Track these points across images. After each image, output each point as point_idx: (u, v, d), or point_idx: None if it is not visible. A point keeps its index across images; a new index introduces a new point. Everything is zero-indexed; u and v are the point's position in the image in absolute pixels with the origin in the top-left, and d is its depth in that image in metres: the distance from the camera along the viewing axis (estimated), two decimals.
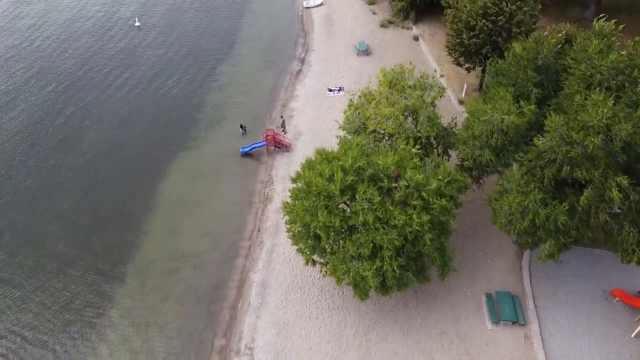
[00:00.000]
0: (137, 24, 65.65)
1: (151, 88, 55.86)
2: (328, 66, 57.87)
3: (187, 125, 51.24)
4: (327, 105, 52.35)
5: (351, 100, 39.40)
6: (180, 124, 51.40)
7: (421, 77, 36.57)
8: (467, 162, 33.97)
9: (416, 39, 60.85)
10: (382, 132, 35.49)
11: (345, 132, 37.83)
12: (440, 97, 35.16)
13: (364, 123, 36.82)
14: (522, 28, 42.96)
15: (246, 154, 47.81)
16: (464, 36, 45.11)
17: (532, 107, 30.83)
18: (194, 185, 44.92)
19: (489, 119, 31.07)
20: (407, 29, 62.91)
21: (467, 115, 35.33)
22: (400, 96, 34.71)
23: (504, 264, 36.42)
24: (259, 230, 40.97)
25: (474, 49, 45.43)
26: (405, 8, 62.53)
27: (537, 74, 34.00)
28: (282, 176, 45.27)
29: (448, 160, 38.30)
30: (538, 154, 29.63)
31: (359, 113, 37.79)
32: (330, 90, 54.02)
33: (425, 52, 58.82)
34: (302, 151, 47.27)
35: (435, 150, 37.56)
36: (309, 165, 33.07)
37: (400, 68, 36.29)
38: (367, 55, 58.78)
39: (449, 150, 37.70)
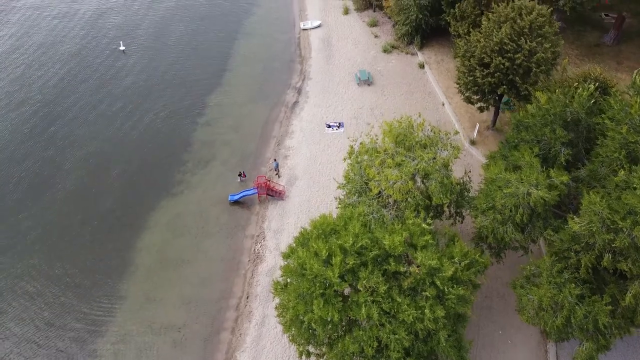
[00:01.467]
0: (121, 47, 61.04)
1: (132, 121, 51.26)
2: (326, 97, 53.28)
3: (171, 166, 46.66)
4: (325, 144, 47.77)
5: (351, 147, 34.97)
6: (163, 164, 46.80)
7: (432, 131, 31.86)
8: (484, 233, 29.31)
9: (422, 66, 56.25)
10: (388, 195, 30.83)
11: (345, 192, 33.22)
12: (455, 158, 30.34)
13: (366, 183, 32.20)
14: (543, 67, 38.33)
15: (235, 202, 43.17)
16: (477, 74, 40.50)
17: (565, 178, 26.20)
18: (176, 240, 40.36)
19: (514, 191, 26.45)
20: (412, 54, 58.30)
21: (484, 177, 30.66)
22: (408, 156, 30.04)
23: (527, 346, 31.77)
24: (247, 298, 36.40)
25: (489, 88, 40.79)
26: (410, 32, 57.89)
27: (566, 129, 29.46)
28: (275, 230, 40.70)
29: (462, 221, 33.76)
30: (572, 236, 25.01)
31: (360, 168, 33.22)
32: (329, 127, 49.43)
33: (431, 81, 54.22)
34: (298, 199, 42.80)
35: (447, 210, 33.08)
36: (302, 240, 28.47)
37: (408, 122, 31.67)
38: (369, 85, 54.20)
39: (462, 210, 33.05)
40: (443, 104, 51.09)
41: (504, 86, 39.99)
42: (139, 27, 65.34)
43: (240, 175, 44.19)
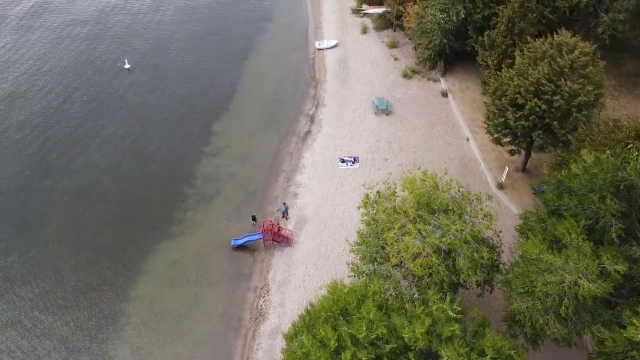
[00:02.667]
0: (126, 66, 57.88)
1: (135, 149, 48.06)
2: (341, 127, 49.51)
3: (172, 202, 43.25)
4: (339, 182, 44.01)
5: (367, 196, 31.20)
6: (164, 200, 43.42)
7: (460, 192, 27.88)
8: (520, 319, 25.31)
9: (444, 94, 52.18)
10: (408, 267, 26.99)
11: (359, 258, 29.47)
12: (487, 228, 26.35)
13: (383, 247, 28.39)
14: (585, 111, 34.14)
15: (239, 247, 39.61)
16: (509, 116, 36.44)
17: (621, 267, 22.11)
18: (172, 291, 36.94)
19: (559, 279, 22.42)
20: (434, 81, 54.25)
21: (520, 252, 26.60)
22: (432, 224, 26.14)
23: None
24: None
25: (522, 131, 36.67)
26: (432, 57, 53.81)
27: (617, 197, 25.33)
28: (280, 282, 37.08)
29: (491, 292, 29.74)
30: (630, 340, 20.92)
31: (376, 226, 29.48)
32: (343, 161, 45.66)
33: (455, 112, 50.14)
34: (306, 246, 39.15)
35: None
36: (308, 320, 24.76)
37: (433, 182, 27.68)
38: (387, 114, 50.30)
39: (492, 282, 29.03)
40: (467, 139, 47.03)
41: (540, 131, 35.84)
42: (145, 43, 62.20)
43: (253, 219, 40.52)
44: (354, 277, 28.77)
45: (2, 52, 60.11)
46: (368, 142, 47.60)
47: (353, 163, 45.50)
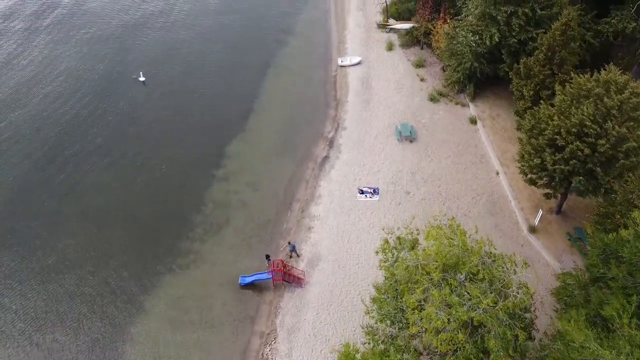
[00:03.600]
0: (141, 78, 55.89)
1: (146, 171, 46.00)
2: (361, 154, 46.56)
3: (178, 231, 40.97)
4: (357, 215, 41.10)
5: (386, 241, 28.42)
6: (171, 229, 41.17)
7: (492, 257, 24.69)
8: None
9: (473, 121, 48.77)
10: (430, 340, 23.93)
11: (374, 320, 26.53)
12: (524, 304, 23.09)
13: (402, 310, 25.41)
14: (634, 158, 30.56)
15: (246, 285, 37.02)
16: (547, 158, 33.02)
17: None
18: (173, 333, 34.60)
19: None
20: (463, 105, 50.86)
21: (558, 329, 23.32)
22: (459, 293, 23.05)
23: None
24: None
25: (560, 176, 33.20)
26: (461, 80, 50.41)
27: None
28: (289, 328, 34.37)
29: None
30: None
31: (395, 282, 26.61)
32: (362, 193, 42.72)
33: (484, 141, 46.72)
34: (319, 288, 36.46)
35: None
36: None
37: (462, 243, 24.56)
38: (411, 141, 47.14)
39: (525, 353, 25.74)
40: (497, 173, 43.60)
41: (581, 177, 32.35)
42: (162, 55, 60.04)
43: (267, 258, 37.79)
44: (369, 343, 25.82)
45: (17, 60, 58.64)
46: (389, 171, 44.54)
47: (372, 195, 42.52)
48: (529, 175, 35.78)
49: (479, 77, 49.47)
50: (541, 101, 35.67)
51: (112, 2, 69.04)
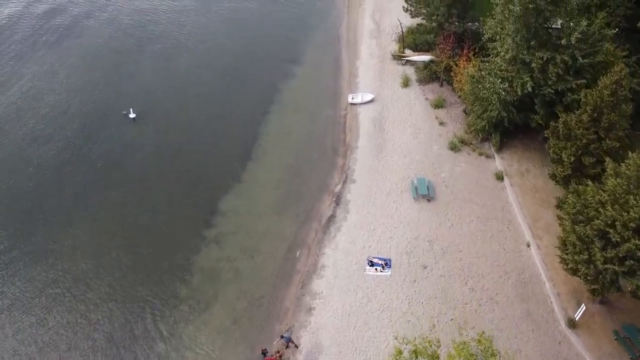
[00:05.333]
0: (131, 115, 50.81)
1: (124, 228, 41.11)
2: (372, 214, 41.04)
3: (159, 310, 35.86)
4: (365, 295, 35.70)
5: (399, 351, 23.24)
6: (150, 306, 35.98)
7: None
8: None
9: (500, 177, 42.99)
10: None
11: None
12: None
13: None
14: None
15: None
16: (596, 253, 27.16)
17: None
18: None
19: None
20: (487, 157, 45.08)
21: None
22: None
23: None
24: None
25: (611, 276, 27.34)
26: (486, 129, 44.62)
27: None
28: None
29: None
30: None
31: None
32: (372, 265, 37.22)
33: (512, 203, 40.96)
34: None
35: None
36: None
37: None
38: (429, 200, 41.46)
39: None
40: (528, 245, 37.80)
41: (637, 281, 26.49)
42: (156, 85, 55.00)
43: (263, 353, 32.39)
44: None
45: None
46: (404, 238, 38.95)
47: (384, 268, 36.98)
48: (570, 265, 29.95)
49: (507, 126, 43.61)
50: (588, 180, 29.79)
51: (106, 26, 64.00)
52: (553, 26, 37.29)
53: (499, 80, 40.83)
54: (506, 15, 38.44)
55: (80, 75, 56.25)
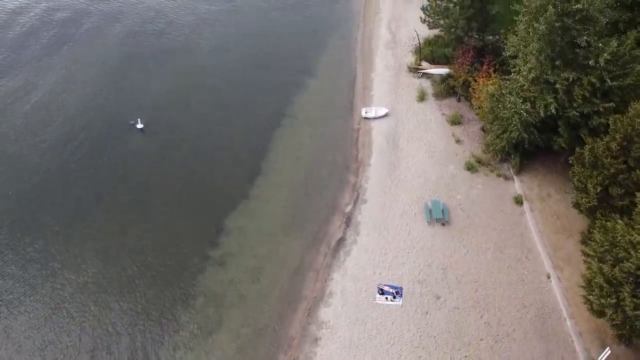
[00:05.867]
0: (139, 125, 49.68)
1: (128, 246, 39.89)
2: (383, 238, 39.32)
3: (159, 334, 34.35)
4: (374, 326, 34.09)
5: None
6: (150, 330, 34.60)
7: None
8: None
9: (519, 201, 40.98)
10: None
11: None
12: None
13: None
14: None
15: None
16: (626, 299, 25.14)
17: None
18: None
19: None
20: (506, 178, 43.07)
21: None
22: None
23: None
24: None
25: None
26: (506, 149, 42.60)
27: None
28: None
29: None
30: None
31: None
32: (382, 293, 35.54)
33: (532, 230, 38.95)
34: None
35: None
36: None
37: None
38: (443, 224, 39.57)
39: None
40: (549, 276, 35.75)
41: None
42: (165, 95, 53.85)
43: None
44: None
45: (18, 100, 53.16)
46: (416, 265, 37.15)
47: (395, 297, 35.22)
48: (596, 308, 27.91)
49: (527, 147, 41.54)
50: (616, 215, 27.73)
51: (118, 32, 63.12)
52: (582, 45, 35.17)
53: (521, 100, 38.81)
54: (530, 33, 36.39)
55: (89, 82, 55.35)
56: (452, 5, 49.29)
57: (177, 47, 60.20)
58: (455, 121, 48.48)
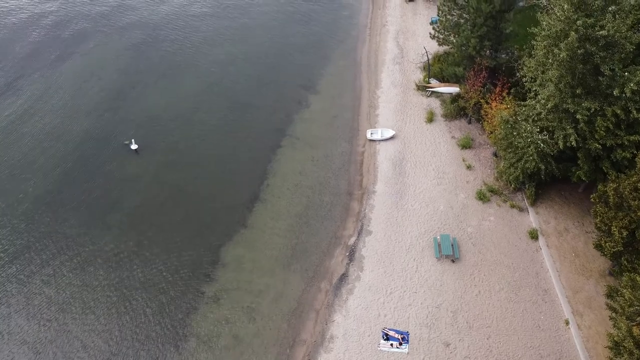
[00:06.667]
0: (133, 146, 47.36)
1: (115, 280, 37.86)
2: (389, 274, 36.85)
3: None
4: None
5: None
6: None
7: None
8: None
9: (534, 236, 38.36)
10: None
11: None
12: None
13: None
14: None
15: None
16: None
17: None
18: None
19: None
20: (520, 210, 40.45)
21: None
22: None
23: None
24: None
25: None
26: (520, 179, 39.98)
27: None
28: None
29: None
30: None
31: None
32: (387, 338, 33.09)
33: (548, 269, 36.33)
34: None
35: None
36: None
37: None
38: (453, 261, 36.97)
39: None
40: (567, 323, 33.11)
41: None
42: (161, 111, 51.59)
43: None
44: None
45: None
46: (424, 306, 34.61)
47: (400, 344, 32.71)
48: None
49: (543, 178, 38.90)
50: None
51: (116, 42, 60.92)
52: (605, 73, 32.50)
53: (538, 130, 36.18)
54: (550, 59, 33.73)
55: (83, 97, 53.25)
56: (462, 21, 46.73)
57: (177, 62, 57.95)
58: (466, 145, 45.91)
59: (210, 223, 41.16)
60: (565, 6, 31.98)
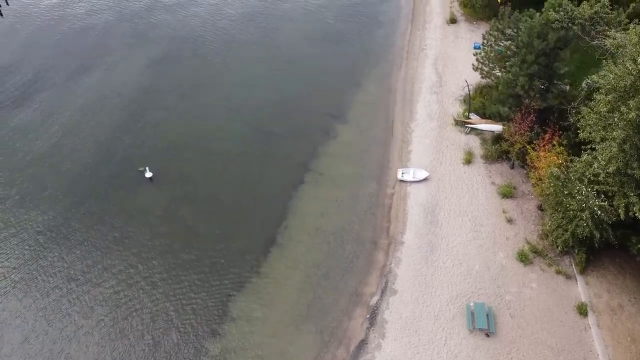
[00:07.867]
0: (147, 174, 44.57)
1: (117, 329, 34.66)
2: (414, 345, 32.96)
3: None
4: None
5: None
6: None
7: None
8: None
9: (583, 311, 33.69)
10: None
11: None
12: None
13: None
14: None
15: None
16: None
17: None
18: None
19: None
20: (567, 277, 35.76)
21: None
22: None
23: None
24: None
25: None
26: (569, 243, 35.22)
27: None
28: None
29: None
30: None
31: None
32: None
33: (599, 355, 31.67)
34: None
35: None
36: None
37: None
38: (488, 335, 32.60)
39: None
40: None
41: None
42: (178, 139, 48.66)
43: None
44: None
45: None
46: None
47: None
48: None
49: (596, 246, 34.10)
50: None
51: (139, 59, 58.56)
52: None
53: (593, 194, 31.47)
54: (616, 119, 29.07)
55: (99, 119, 50.97)
56: (510, 52, 42.25)
57: (200, 81, 55.13)
58: (507, 194, 41.36)
59: (222, 269, 38.02)
60: (639, 59, 27.29)
